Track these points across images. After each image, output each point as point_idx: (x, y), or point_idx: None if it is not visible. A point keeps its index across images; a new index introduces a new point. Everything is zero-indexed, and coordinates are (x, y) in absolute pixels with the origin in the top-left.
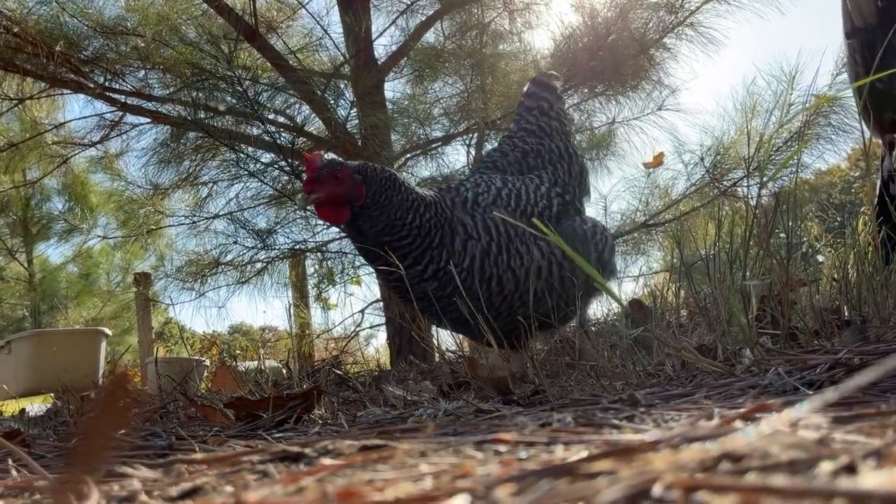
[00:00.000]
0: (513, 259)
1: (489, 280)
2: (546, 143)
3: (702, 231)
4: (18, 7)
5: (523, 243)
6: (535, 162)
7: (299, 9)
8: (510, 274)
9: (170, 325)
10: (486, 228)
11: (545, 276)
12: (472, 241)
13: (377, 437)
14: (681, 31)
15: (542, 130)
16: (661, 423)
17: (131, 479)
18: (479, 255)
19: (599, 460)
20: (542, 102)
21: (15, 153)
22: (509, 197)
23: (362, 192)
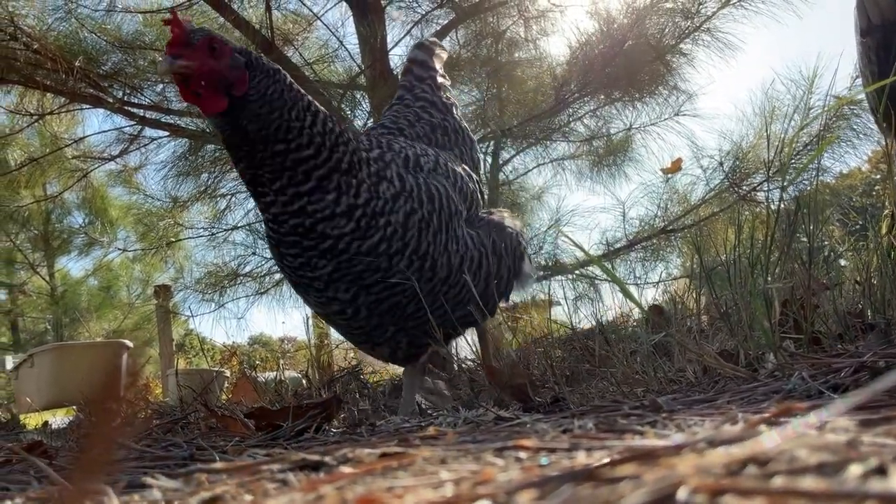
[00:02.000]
0: (451, 242)
1: (423, 258)
2: (450, 121)
3: (721, 236)
4: (38, 24)
5: (459, 227)
6: (444, 140)
7: (315, 21)
8: (446, 258)
9: (190, 337)
10: (430, 196)
11: (474, 269)
12: (407, 201)
13: (397, 445)
14: (697, 37)
15: (445, 107)
16: (684, 428)
17: (151, 489)
18: (416, 223)
19: (622, 465)
20: (432, 73)
21: (35, 168)
22: (447, 170)
23: (244, 79)
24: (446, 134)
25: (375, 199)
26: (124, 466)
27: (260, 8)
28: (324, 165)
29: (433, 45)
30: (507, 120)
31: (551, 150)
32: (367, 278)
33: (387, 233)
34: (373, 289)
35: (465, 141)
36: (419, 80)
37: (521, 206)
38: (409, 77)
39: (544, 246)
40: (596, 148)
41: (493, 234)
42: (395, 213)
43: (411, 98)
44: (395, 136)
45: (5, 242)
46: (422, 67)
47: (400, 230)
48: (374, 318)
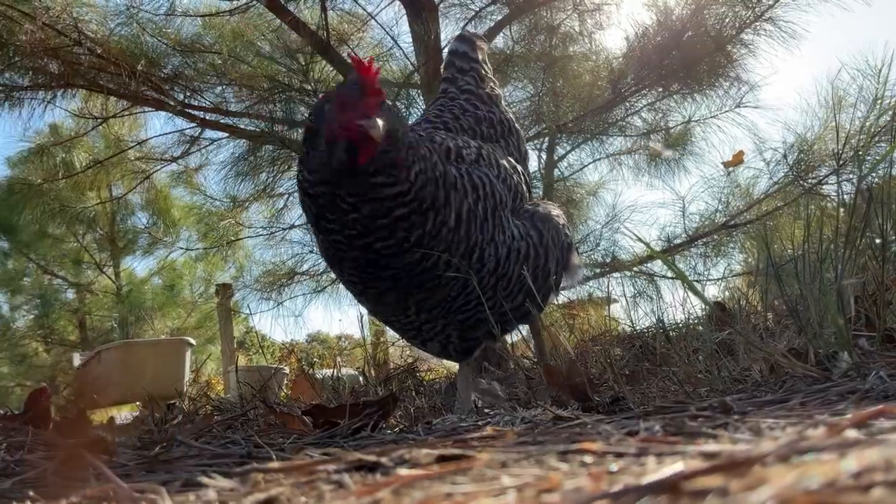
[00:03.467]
0: (498, 232)
1: (472, 250)
2: (496, 113)
3: (785, 231)
4: (101, 29)
5: (506, 217)
6: (489, 132)
7: (369, 20)
8: (493, 249)
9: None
10: (474, 185)
11: (521, 261)
12: (456, 194)
13: (454, 446)
14: (759, 26)
15: (490, 98)
16: (759, 433)
17: (207, 488)
18: (466, 215)
19: (705, 476)
20: (475, 65)
21: (100, 169)
22: (489, 160)
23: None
24: (492, 126)
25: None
26: (183, 464)
27: (315, 9)
28: (408, 204)
29: (474, 37)
30: (563, 115)
31: (607, 145)
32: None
33: (449, 238)
34: (424, 285)
35: (510, 132)
36: (462, 73)
37: (576, 202)
38: (452, 69)
39: (601, 242)
40: (654, 142)
41: (538, 225)
42: (452, 213)
43: (455, 91)
44: (440, 131)
45: (73, 243)
46: (464, 59)
47: (456, 222)
48: (422, 314)
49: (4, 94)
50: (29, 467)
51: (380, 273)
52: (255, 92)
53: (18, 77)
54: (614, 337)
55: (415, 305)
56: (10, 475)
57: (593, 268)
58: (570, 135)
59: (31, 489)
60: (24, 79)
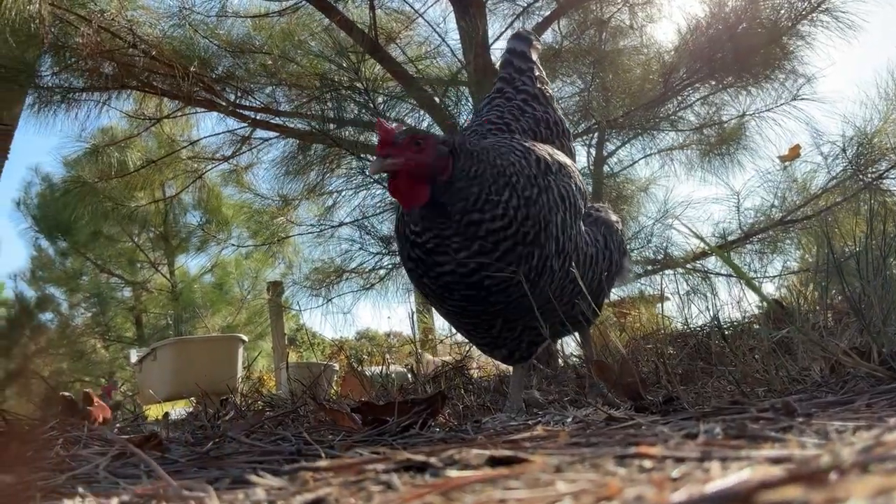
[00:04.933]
0: (579, 239)
1: (563, 263)
2: (551, 114)
3: (845, 227)
4: (153, 31)
5: (577, 222)
6: (546, 133)
7: (416, 18)
8: (576, 257)
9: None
10: (562, 197)
11: (592, 265)
12: (552, 216)
13: (505, 447)
14: (815, 18)
15: (546, 99)
16: (827, 436)
17: (256, 487)
18: (560, 233)
19: (783, 487)
20: (531, 65)
21: (153, 169)
22: (565, 168)
23: (448, 165)
24: (548, 127)
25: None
26: (234, 461)
27: (364, 7)
28: (511, 237)
29: (531, 36)
30: (612, 110)
31: (658, 140)
32: (514, 294)
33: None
34: (522, 312)
35: (563, 133)
36: (519, 73)
37: (626, 198)
38: (510, 69)
39: (652, 239)
40: (707, 136)
41: (603, 231)
42: (535, 204)
43: (512, 91)
44: (503, 133)
45: (127, 242)
46: (522, 59)
47: (548, 238)
48: (505, 331)
49: (61, 95)
50: (83, 462)
51: (487, 308)
52: (305, 91)
53: (74, 79)
54: (667, 335)
55: (502, 323)
56: (63, 470)
57: (644, 265)
58: (620, 130)
59: (82, 485)
60: (79, 80)
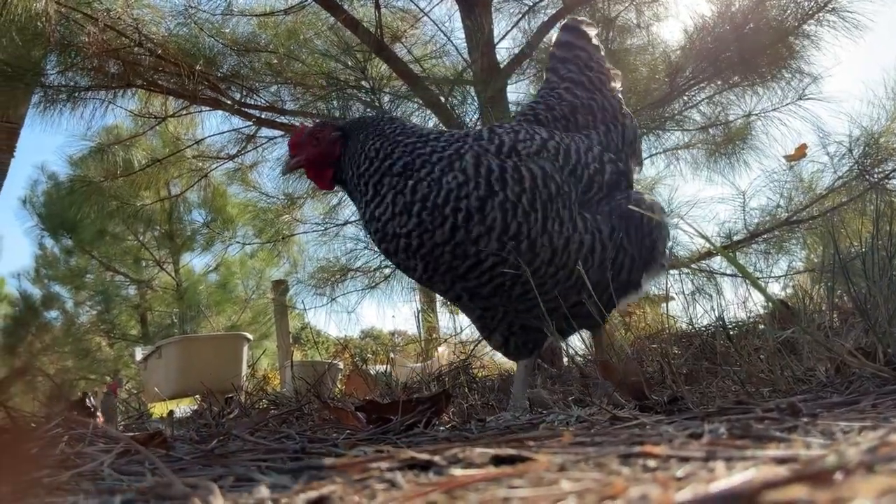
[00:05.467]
0: (551, 223)
1: (515, 238)
2: (598, 99)
3: (851, 227)
4: (159, 30)
5: (566, 207)
6: (586, 120)
7: (422, 17)
8: (546, 239)
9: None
10: (520, 179)
11: (584, 254)
12: (479, 186)
13: (509, 446)
14: (822, 17)
15: (593, 84)
16: (833, 437)
17: (260, 485)
18: (497, 206)
19: (787, 487)
20: (578, 52)
21: (159, 168)
22: (557, 151)
23: (337, 146)
24: (591, 113)
25: (435, 189)
26: (238, 459)
27: (369, 6)
28: (376, 173)
29: (579, 24)
30: None
31: (664, 140)
32: (459, 267)
33: (458, 220)
34: (469, 275)
35: (614, 118)
36: (563, 62)
37: None
38: (554, 61)
39: None
40: (713, 136)
41: (613, 220)
42: (465, 198)
43: (557, 79)
44: (530, 124)
45: (133, 241)
46: (565, 48)
47: (477, 214)
48: (478, 301)
49: (67, 94)
50: (88, 460)
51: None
52: (310, 90)
53: (80, 78)
54: (672, 335)
55: (466, 293)
56: (68, 468)
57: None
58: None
59: (86, 482)
60: (85, 79)
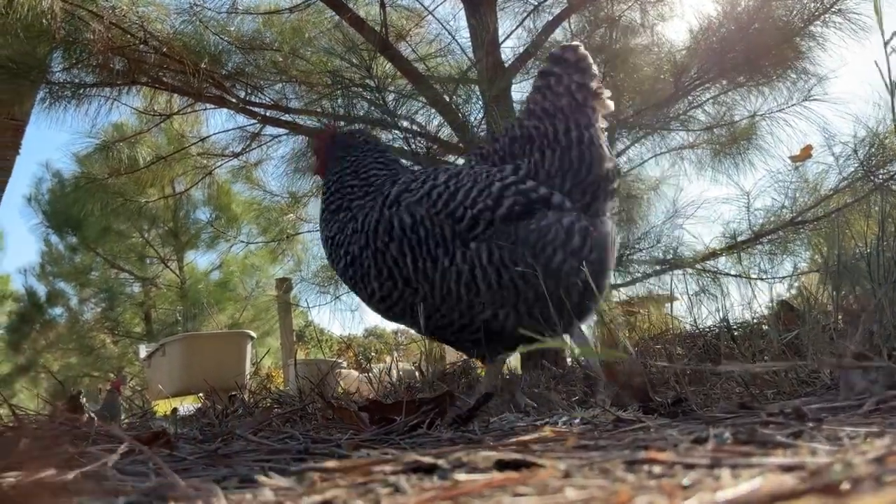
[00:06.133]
0: (422, 261)
1: (391, 279)
2: (542, 127)
3: (856, 228)
4: (164, 27)
5: (440, 245)
6: (522, 149)
7: (426, 15)
8: (420, 275)
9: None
10: (390, 229)
11: (468, 282)
12: (361, 237)
13: (513, 450)
14: (827, 19)
15: (545, 112)
16: (839, 443)
17: (263, 487)
18: (371, 255)
19: (796, 499)
20: (549, 79)
21: (163, 165)
22: (440, 196)
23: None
24: (529, 142)
25: (340, 234)
26: (242, 459)
27: (374, 5)
28: (325, 202)
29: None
30: (623, 109)
31: (669, 140)
32: (362, 296)
33: (347, 261)
34: (370, 305)
35: (554, 143)
36: (535, 90)
37: (636, 197)
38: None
39: (662, 238)
40: (717, 136)
41: (494, 252)
42: (352, 245)
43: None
44: (475, 163)
45: (137, 238)
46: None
47: (356, 260)
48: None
49: (72, 91)
50: (92, 460)
51: None
52: (315, 88)
53: (85, 75)
54: (675, 335)
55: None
56: (72, 467)
57: (653, 265)
58: (631, 129)
59: (90, 483)
60: (90, 76)
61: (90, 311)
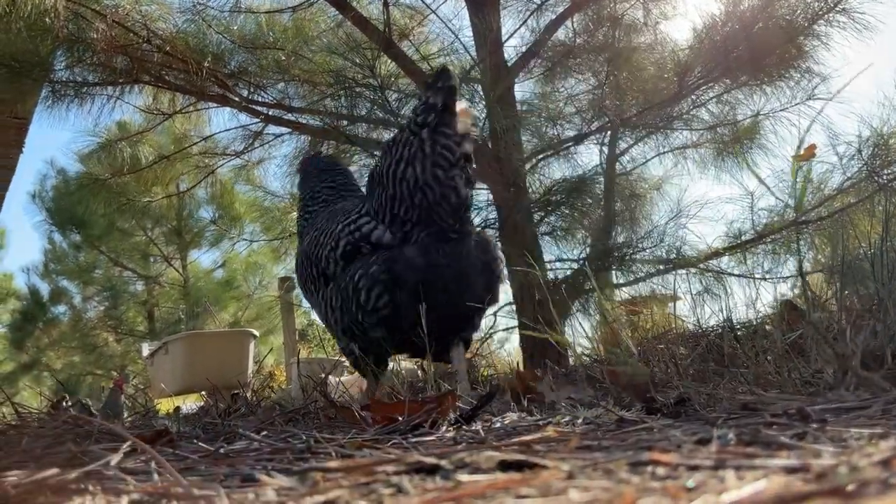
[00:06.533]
0: (306, 292)
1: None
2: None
3: (860, 228)
4: (167, 26)
5: (312, 282)
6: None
7: (429, 14)
8: (310, 297)
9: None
10: (297, 265)
11: (327, 309)
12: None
13: (516, 450)
14: (831, 18)
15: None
16: (843, 444)
17: (265, 487)
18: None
19: (801, 501)
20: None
21: (166, 164)
22: (311, 242)
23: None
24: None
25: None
26: (245, 458)
27: (377, 3)
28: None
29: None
30: (626, 108)
31: (672, 139)
32: None
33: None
34: None
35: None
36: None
37: (639, 196)
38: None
39: (665, 238)
40: (721, 135)
41: (336, 291)
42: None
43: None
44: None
45: (141, 236)
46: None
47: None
48: None
49: (75, 90)
50: (94, 458)
51: None
52: (318, 88)
53: (88, 73)
54: (679, 335)
55: None
56: (74, 466)
57: (656, 264)
58: (634, 129)
59: (92, 482)
60: (93, 75)
61: (93, 309)
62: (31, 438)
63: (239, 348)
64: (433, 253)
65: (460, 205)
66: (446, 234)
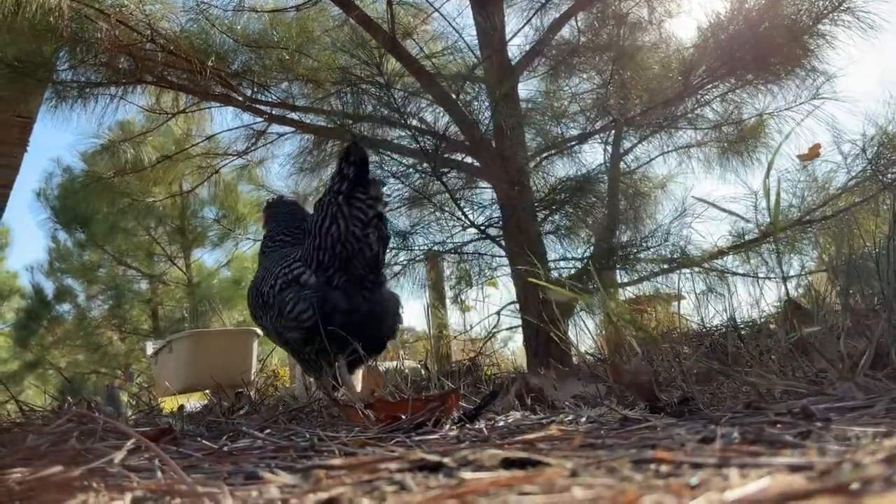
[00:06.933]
0: (259, 318)
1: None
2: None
3: (864, 228)
4: (171, 25)
5: (260, 308)
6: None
7: (433, 13)
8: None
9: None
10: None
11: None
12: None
13: (520, 448)
14: (836, 17)
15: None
16: (847, 443)
17: (269, 484)
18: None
19: (805, 499)
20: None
21: (169, 164)
22: (259, 279)
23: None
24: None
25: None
26: (248, 456)
27: (380, 2)
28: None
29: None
30: (631, 107)
31: (676, 138)
32: None
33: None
34: None
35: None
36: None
37: (644, 195)
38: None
39: (669, 237)
40: (725, 134)
41: (270, 314)
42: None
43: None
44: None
45: (145, 236)
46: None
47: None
48: None
49: (78, 90)
50: (98, 456)
51: None
52: (321, 86)
53: (91, 73)
54: (682, 334)
55: None
56: (78, 463)
57: (660, 263)
58: (638, 127)
59: (96, 479)
60: (96, 75)
61: (97, 307)
62: (35, 436)
63: (243, 347)
64: (356, 297)
65: (373, 258)
66: (363, 282)
